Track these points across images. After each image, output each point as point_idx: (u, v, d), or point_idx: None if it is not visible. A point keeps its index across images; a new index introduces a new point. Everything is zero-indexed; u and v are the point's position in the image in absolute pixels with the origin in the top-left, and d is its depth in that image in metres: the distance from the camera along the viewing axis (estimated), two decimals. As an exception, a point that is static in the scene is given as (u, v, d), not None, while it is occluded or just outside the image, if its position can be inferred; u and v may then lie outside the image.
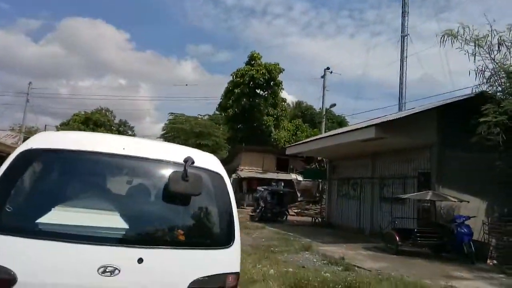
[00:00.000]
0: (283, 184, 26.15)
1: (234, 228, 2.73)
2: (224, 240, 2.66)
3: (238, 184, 26.44)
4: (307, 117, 31.66)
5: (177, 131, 39.39)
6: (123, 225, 2.47)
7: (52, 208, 2.41)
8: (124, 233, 2.46)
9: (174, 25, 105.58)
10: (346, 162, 17.68)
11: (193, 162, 2.58)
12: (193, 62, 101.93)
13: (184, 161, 2.55)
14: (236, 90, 27.09)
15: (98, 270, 2.26)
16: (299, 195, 26.11)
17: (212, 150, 30.80)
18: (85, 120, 52.92)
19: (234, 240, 2.69)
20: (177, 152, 2.77)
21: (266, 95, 28.01)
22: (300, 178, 26.62)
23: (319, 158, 25.97)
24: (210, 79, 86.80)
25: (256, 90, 27.99)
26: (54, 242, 2.26)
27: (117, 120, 61.13)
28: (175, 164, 2.61)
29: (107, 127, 52.98)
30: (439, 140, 12.43)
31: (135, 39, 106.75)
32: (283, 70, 27.35)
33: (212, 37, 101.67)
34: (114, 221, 2.49)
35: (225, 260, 2.64)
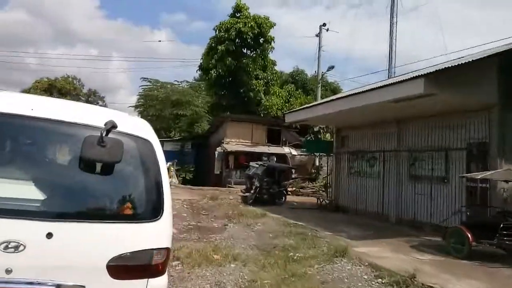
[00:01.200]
0: (275, 158, 22.87)
1: (163, 199, 2.52)
2: (150, 213, 2.47)
3: (223, 159, 22.99)
4: (298, 83, 28.22)
5: (151, 99, 35.23)
6: (34, 196, 2.28)
7: None
8: (33, 204, 2.26)
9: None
10: (360, 131, 14.42)
11: (114, 126, 2.28)
12: (167, 32, 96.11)
13: (104, 125, 2.26)
14: (219, 47, 23.02)
15: None
16: (293, 171, 22.95)
17: (191, 120, 26.99)
18: (48, 88, 47.52)
19: (162, 212, 2.49)
20: (98, 115, 2.51)
21: (254, 55, 24.16)
22: (294, 151, 23.38)
23: (315, 129, 22.74)
24: (185, 49, 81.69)
25: (243, 49, 24.08)
26: None
27: (86, 90, 56.16)
28: (92, 128, 2.35)
29: (74, 97, 47.98)
30: (502, 100, 9.28)
31: (105, 7, 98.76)
32: (275, 24, 23.55)
33: (186, 6, 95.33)
34: (24, 191, 2.31)
35: (152, 234, 2.45)
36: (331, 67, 23.38)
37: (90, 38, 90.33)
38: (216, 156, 22.93)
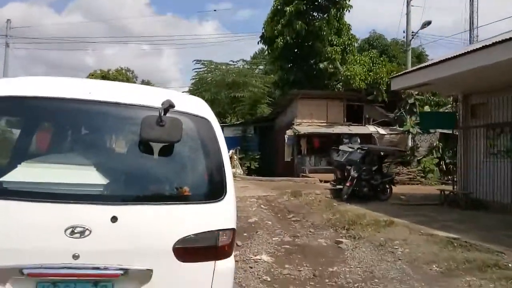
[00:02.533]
0: (359, 140, 18.70)
1: (225, 179, 2.43)
2: (214, 193, 2.39)
3: (295, 143, 19.26)
4: (377, 49, 23.53)
5: (206, 83, 32.29)
6: (97, 180, 2.22)
7: (18, 165, 2.22)
8: (96, 189, 2.22)
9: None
10: (503, 94, 9.96)
11: (171, 106, 2.21)
12: (214, 23, 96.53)
13: (161, 104, 2.21)
14: (287, 9, 18.98)
15: (65, 231, 2.06)
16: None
17: (253, 102, 23.48)
18: (102, 79, 46.96)
19: (226, 192, 2.41)
20: (155, 96, 2.45)
21: (327, 17, 19.87)
22: (382, 130, 19.03)
23: (410, 101, 18.24)
24: (233, 38, 79.19)
25: (314, 11, 19.87)
26: (17, 202, 2.07)
27: (140, 81, 55.29)
28: (150, 108, 2.30)
29: (127, 88, 47.10)
30: None
31: (154, 3, 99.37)
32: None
33: None
34: (87, 176, 2.24)
35: (216, 215, 2.37)
36: (426, 23, 18.55)
37: (142, 34, 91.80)
38: (286, 140, 19.26)
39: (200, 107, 2.60)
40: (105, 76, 48.01)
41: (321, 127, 19.37)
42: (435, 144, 19.04)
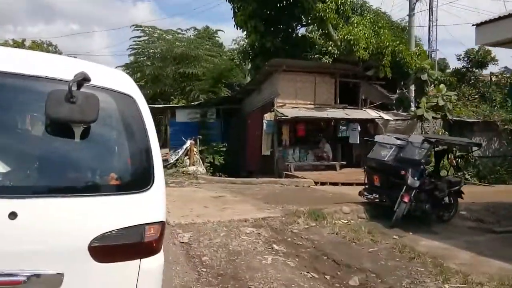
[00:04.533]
0: (359, 127, 14.41)
1: (153, 165, 2.09)
2: (139, 182, 2.06)
3: (275, 131, 14.41)
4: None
5: (147, 55, 26.15)
6: None
7: None
8: None
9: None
10: None
11: (86, 79, 1.86)
12: (150, 4, 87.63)
13: (73, 77, 1.84)
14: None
15: None
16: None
17: (214, 79, 18.13)
18: (14, 52, 38.06)
19: (153, 180, 2.08)
20: (67, 67, 2.02)
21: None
22: (386, 115, 14.87)
23: (422, 77, 14.25)
24: (169, 21, 72.65)
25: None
26: None
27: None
28: (59, 81, 1.91)
29: (47, 63, 38.84)
30: None
31: None
32: None
33: None
34: None
35: (141, 207, 2.05)
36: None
37: (70, 13, 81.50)
38: (264, 127, 14.34)
39: (123, 82, 2.19)
40: (18, 46, 39.17)
41: (308, 110, 14.70)
42: (440, 133, 15.39)
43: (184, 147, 14.33)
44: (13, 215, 1.77)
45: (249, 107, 17.15)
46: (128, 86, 2.19)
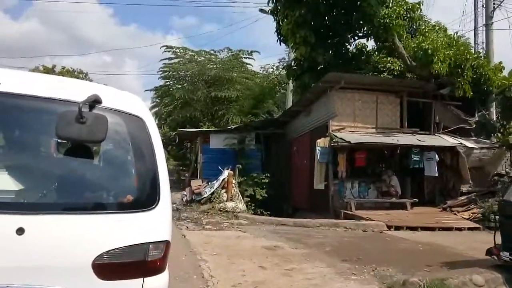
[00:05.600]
0: (436, 157, 11.63)
1: (158, 185, 2.13)
2: (145, 201, 2.09)
3: (330, 160, 11.83)
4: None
5: (177, 78, 24.49)
6: (7, 186, 1.93)
7: None
8: (4, 196, 1.90)
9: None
10: None
11: (97, 101, 1.98)
12: (179, 36, 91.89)
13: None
14: None
15: None
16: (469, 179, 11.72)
17: (255, 101, 15.86)
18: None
19: (159, 200, 2.11)
20: (79, 89, 2.11)
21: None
22: (468, 143, 12.05)
23: (508, 93, 11.51)
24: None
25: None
26: None
27: (94, 84, 46.41)
28: (70, 103, 1.98)
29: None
30: None
31: (118, 14, 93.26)
32: None
33: (197, 10, 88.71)
34: None
35: (146, 226, 2.07)
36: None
37: (103, 45, 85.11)
38: (317, 156, 11.80)
39: (133, 104, 2.26)
40: (48, 73, 38.90)
41: (370, 134, 12.12)
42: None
43: (221, 178, 11.94)
44: (20, 231, 1.79)
45: (294, 131, 14.70)
46: (138, 108, 2.24)
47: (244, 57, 24.37)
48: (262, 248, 7.29)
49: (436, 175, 11.71)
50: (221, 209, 11.12)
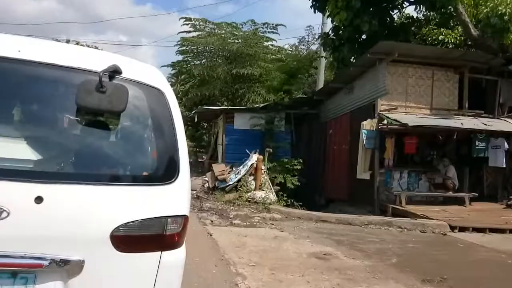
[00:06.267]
0: (506, 145, 9.78)
1: (178, 159, 2.09)
2: (164, 174, 2.05)
3: (377, 145, 10.09)
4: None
5: (195, 53, 22.73)
6: (26, 155, 1.93)
7: None
8: (19, 165, 1.89)
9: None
10: None
11: (117, 71, 1.95)
12: (195, 17, 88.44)
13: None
14: None
15: None
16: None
17: (286, 78, 14.01)
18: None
19: (178, 174, 2.06)
20: (99, 59, 2.06)
21: None
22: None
23: None
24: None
25: None
26: None
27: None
28: (90, 72, 1.94)
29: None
30: None
31: None
32: None
33: None
34: (14, 150, 1.96)
35: (165, 200, 2.03)
36: None
37: (119, 25, 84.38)
38: (363, 140, 10.06)
39: (153, 76, 2.21)
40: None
41: (428, 116, 10.28)
42: None
43: (249, 163, 10.34)
44: (39, 199, 1.77)
45: (331, 112, 12.90)
46: (158, 80, 2.20)
47: (269, 31, 22.39)
48: (311, 256, 5.71)
49: (504, 165, 9.88)
50: (249, 199, 9.56)
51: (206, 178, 11.39)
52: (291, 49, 26.35)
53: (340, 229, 7.87)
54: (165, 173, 2.04)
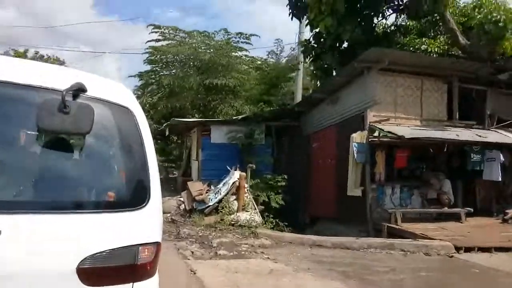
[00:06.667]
0: (501, 157, 9.33)
1: (149, 182, 1.96)
2: (134, 199, 1.92)
3: (368, 159, 9.36)
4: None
5: (164, 63, 21.56)
6: None
7: None
8: None
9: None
10: None
11: (82, 89, 1.80)
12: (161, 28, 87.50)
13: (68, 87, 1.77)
14: None
15: None
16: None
17: (268, 86, 13.13)
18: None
19: (149, 197, 1.94)
20: (62, 76, 1.92)
21: None
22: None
23: None
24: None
25: None
26: None
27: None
28: (52, 91, 1.80)
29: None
30: None
31: (98, 4, 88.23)
32: None
33: (179, 2, 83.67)
34: None
35: (136, 226, 1.90)
36: None
37: (82, 36, 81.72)
38: (354, 153, 9.30)
39: (120, 93, 2.07)
40: (20, 58, 35.04)
41: (420, 128, 9.70)
42: None
43: (230, 181, 9.29)
44: None
45: (314, 124, 12.12)
46: (126, 98, 2.08)
47: (242, 41, 21.62)
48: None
49: (499, 179, 9.41)
50: (232, 222, 8.50)
51: (182, 199, 10.22)
52: (271, 58, 25.71)
53: (339, 256, 6.97)
54: (135, 197, 1.93)
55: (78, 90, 1.78)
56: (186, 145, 19.27)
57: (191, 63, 20.46)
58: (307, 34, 15.40)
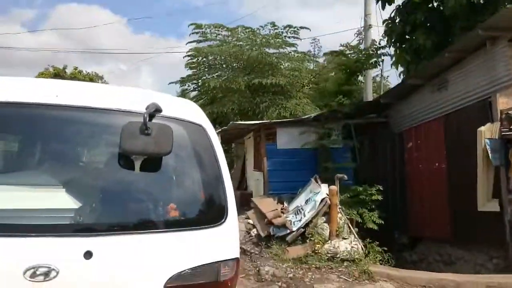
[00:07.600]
0: None
1: (226, 197, 2.00)
2: (213, 216, 1.96)
3: (503, 158, 6.81)
4: None
5: (207, 65, 19.75)
6: (66, 204, 1.77)
7: None
8: (64, 216, 1.74)
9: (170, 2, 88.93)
10: None
11: (158, 110, 1.87)
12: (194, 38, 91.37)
13: (146, 109, 1.81)
14: None
15: (24, 274, 1.57)
16: None
17: (345, 77, 10.71)
18: (54, 77, 33.65)
19: (227, 214, 1.97)
20: (136, 98, 2.01)
21: None
22: None
23: None
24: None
25: None
26: None
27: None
28: (131, 113, 1.88)
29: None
30: None
31: (131, 23, 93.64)
32: None
33: (207, 13, 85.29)
34: (54, 199, 1.80)
35: (216, 243, 1.94)
36: None
37: (119, 54, 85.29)
38: (487, 153, 6.81)
39: (193, 111, 2.18)
40: (58, 74, 34.71)
41: None
42: None
43: (318, 198, 7.06)
44: (88, 255, 1.66)
45: (406, 118, 9.63)
46: (198, 115, 2.14)
47: (289, 36, 19.45)
48: None
49: None
50: (329, 253, 6.26)
51: (251, 221, 8.10)
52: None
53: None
54: (214, 213, 1.95)
55: (155, 111, 1.83)
56: (236, 153, 17.34)
57: (235, 64, 18.66)
58: (374, 17, 13.09)
